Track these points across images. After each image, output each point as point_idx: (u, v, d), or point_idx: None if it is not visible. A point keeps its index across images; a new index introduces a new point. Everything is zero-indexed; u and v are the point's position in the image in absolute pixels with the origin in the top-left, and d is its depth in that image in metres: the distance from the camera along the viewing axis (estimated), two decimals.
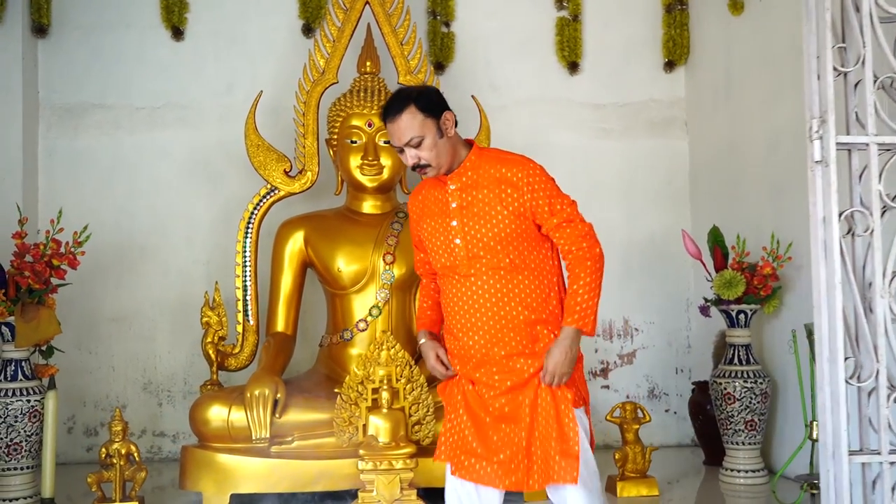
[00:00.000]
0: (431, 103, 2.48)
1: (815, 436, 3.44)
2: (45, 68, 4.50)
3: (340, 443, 3.40)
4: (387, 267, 3.84)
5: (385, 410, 3.33)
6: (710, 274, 3.80)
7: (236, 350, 3.87)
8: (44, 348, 3.59)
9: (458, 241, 2.49)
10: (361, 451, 3.27)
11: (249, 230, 3.92)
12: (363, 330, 3.84)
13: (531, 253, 2.51)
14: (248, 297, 3.89)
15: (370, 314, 3.84)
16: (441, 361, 2.61)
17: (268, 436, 3.43)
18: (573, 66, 4.72)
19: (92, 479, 3.36)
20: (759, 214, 3.95)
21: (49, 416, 3.45)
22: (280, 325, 3.90)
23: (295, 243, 3.93)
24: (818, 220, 2.21)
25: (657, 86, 4.79)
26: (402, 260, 3.85)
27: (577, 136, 4.73)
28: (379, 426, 3.32)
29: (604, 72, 4.76)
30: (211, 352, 3.78)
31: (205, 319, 3.80)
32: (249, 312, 3.89)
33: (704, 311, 3.90)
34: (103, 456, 3.39)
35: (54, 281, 3.53)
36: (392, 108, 2.47)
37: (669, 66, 4.75)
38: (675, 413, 4.65)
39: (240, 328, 3.89)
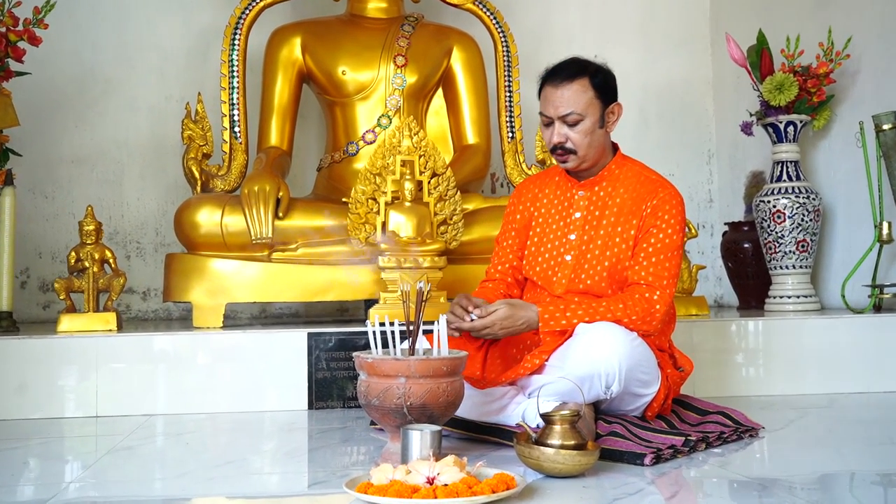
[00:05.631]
0: (607, 85, 2.13)
1: (885, 237, 3.10)
2: None
3: (355, 245, 2.93)
4: (398, 70, 3.37)
5: (408, 204, 2.88)
6: (755, 83, 3.43)
7: (222, 171, 3.36)
8: None
9: (568, 257, 2.16)
10: (383, 246, 2.81)
11: (237, 39, 3.40)
12: (371, 142, 3.37)
13: None
14: (235, 113, 3.37)
15: (378, 124, 3.38)
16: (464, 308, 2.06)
17: (269, 235, 2.94)
18: None
19: (60, 286, 2.83)
20: (801, 29, 3.60)
21: (6, 215, 2.91)
22: (274, 139, 3.41)
23: (290, 49, 3.45)
24: None
25: None
26: (414, 65, 3.40)
27: None
28: (401, 222, 2.87)
29: None
30: (194, 168, 3.27)
31: (187, 133, 3.28)
32: (238, 129, 3.38)
33: (747, 128, 3.53)
34: (73, 261, 2.87)
35: (11, 65, 2.99)
36: (563, 71, 2.10)
37: None
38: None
39: (226, 147, 3.38)
